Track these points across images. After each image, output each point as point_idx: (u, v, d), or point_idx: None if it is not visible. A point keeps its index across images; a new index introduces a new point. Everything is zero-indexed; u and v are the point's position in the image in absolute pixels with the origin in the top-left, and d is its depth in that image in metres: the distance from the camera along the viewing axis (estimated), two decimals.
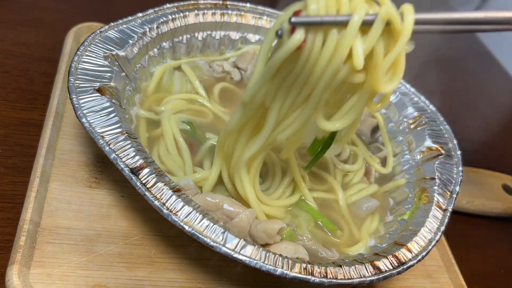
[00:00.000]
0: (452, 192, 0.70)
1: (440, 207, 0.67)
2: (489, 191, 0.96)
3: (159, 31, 0.76)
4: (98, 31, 0.68)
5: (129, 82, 0.69)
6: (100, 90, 0.61)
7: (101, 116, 0.58)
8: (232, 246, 0.52)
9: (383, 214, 0.73)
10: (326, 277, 0.53)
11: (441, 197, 0.68)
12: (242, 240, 0.52)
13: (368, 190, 0.76)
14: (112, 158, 0.55)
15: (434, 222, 0.65)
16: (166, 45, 0.79)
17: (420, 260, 0.59)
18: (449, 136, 0.79)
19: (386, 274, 0.56)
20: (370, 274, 0.55)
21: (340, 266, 0.55)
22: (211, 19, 0.84)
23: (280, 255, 0.53)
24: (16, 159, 0.68)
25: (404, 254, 0.59)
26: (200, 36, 0.84)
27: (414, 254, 0.60)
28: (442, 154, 0.75)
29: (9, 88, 0.77)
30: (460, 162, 0.75)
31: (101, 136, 0.56)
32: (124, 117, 0.61)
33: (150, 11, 0.76)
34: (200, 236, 0.51)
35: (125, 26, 0.72)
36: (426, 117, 0.81)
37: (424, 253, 0.60)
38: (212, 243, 0.51)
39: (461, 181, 0.71)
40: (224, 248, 0.51)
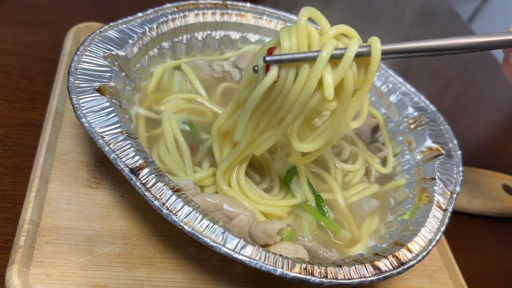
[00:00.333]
0: (452, 192, 0.69)
1: (440, 207, 0.67)
2: (489, 191, 0.96)
3: (159, 31, 0.76)
4: (98, 31, 0.68)
5: (129, 82, 0.69)
6: (100, 90, 0.61)
7: (100, 116, 0.58)
8: (232, 246, 0.52)
9: (383, 214, 0.73)
10: (326, 277, 0.53)
11: (441, 197, 0.68)
12: (242, 240, 0.52)
13: (369, 190, 0.76)
14: (112, 158, 0.55)
15: (434, 222, 0.65)
16: (166, 45, 0.79)
17: (420, 260, 0.59)
18: (449, 136, 0.79)
19: (386, 274, 0.56)
20: (370, 274, 0.55)
21: (340, 266, 0.55)
22: (211, 19, 0.84)
23: (280, 255, 0.53)
24: (16, 159, 0.68)
25: (404, 254, 0.59)
26: (200, 36, 0.84)
27: (414, 254, 0.60)
28: (442, 154, 0.75)
29: (9, 88, 0.77)
30: (460, 162, 0.75)
31: (101, 136, 0.56)
32: (124, 117, 0.61)
33: (150, 11, 0.76)
34: (200, 236, 0.51)
35: (125, 26, 0.72)
36: (426, 117, 0.81)
37: (424, 253, 0.60)
38: (212, 243, 0.51)
39: (461, 181, 0.71)
40: (224, 248, 0.51)
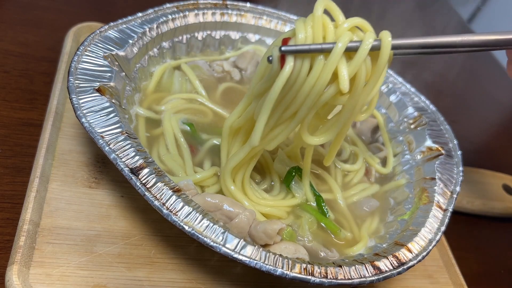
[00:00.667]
0: (452, 192, 0.69)
1: (441, 207, 0.67)
2: (489, 191, 0.96)
3: (159, 31, 0.76)
4: (98, 31, 0.68)
5: (129, 82, 0.69)
6: (100, 90, 0.61)
7: (100, 116, 0.58)
8: (232, 246, 0.52)
9: (383, 214, 0.73)
10: (326, 277, 0.53)
11: (442, 197, 0.68)
12: (242, 240, 0.52)
13: (369, 190, 0.76)
14: (112, 158, 0.55)
15: (434, 222, 0.65)
16: (166, 45, 0.79)
17: (420, 260, 0.59)
18: (449, 136, 0.79)
19: (386, 274, 0.56)
20: (370, 274, 0.55)
21: (340, 266, 0.55)
22: (211, 19, 0.84)
23: (280, 256, 0.53)
24: (16, 159, 0.68)
25: (404, 254, 0.59)
26: (200, 36, 0.84)
27: (414, 254, 0.60)
28: (442, 154, 0.75)
29: (9, 88, 0.77)
30: (461, 162, 0.75)
31: (101, 136, 0.56)
32: (124, 117, 0.61)
33: (150, 11, 0.76)
34: (200, 236, 0.51)
35: (125, 26, 0.72)
36: (426, 117, 0.81)
37: (425, 253, 0.60)
38: (212, 243, 0.51)
39: (461, 181, 0.71)
40: (224, 248, 0.51)
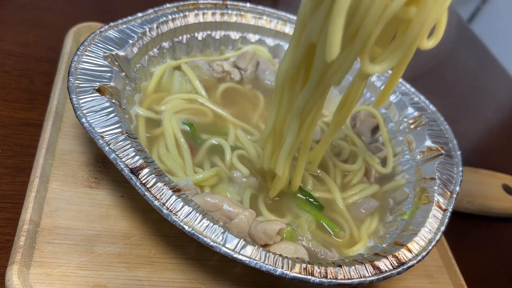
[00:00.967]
0: (452, 192, 0.69)
1: (440, 207, 0.67)
2: (489, 191, 0.96)
3: (159, 31, 0.76)
4: (98, 31, 0.68)
5: (129, 82, 0.69)
6: (100, 90, 0.61)
7: (101, 116, 0.58)
8: (232, 246, 0.52)
9: (383, 214, 0.73)
10: (326, 277, 0.53)
11: (441, 197, 0.68)
12: (242, 240, 0.52)
13: (369, 190, 0.76)
14: (112, 158, 0.55)
15: (434, 222, 0.65)
16: (166, 45, 0.79)
17: (420, 260, 0.59)
18: (449, 136, 0.79)
19: (386, 274, 0.56)
20: (370, 274, 0.55)
21: (340, 266, 0.55)
22: (211, 19, 0.84)
23: (280, 255, 0.53)
24: (16, 159, 0.68)
25: (404, 254, 0.59)
26: (200, 36, 0.84)
27: (414, 254, 0.60)
28: (442, 154, 0.75)
29: (9, 88, 0.77)
30: (460, 162, 0.75)
31: (101, 136, 0.56)
32: (124, 117, 0.61)
33: (150, 11, 0.76)
34: (200, 236, 0.51)
35: (125, 26, 0.72)
36: (426, 117, 0.81)
37: (424, 253, 0.60)
38: (212, 243, 0.51)
39: (461, 181, 0.71)
40: (224, 248, 0.51)
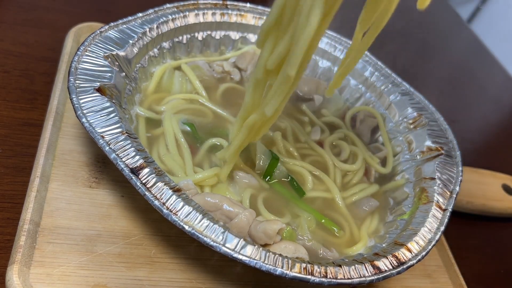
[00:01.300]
0: (452, 192, 0.70)
1: (440, 207, 0.67)
2: (489, 191, 0.96)
3: (159, 31, 0.76)
4: (98, 31, 0.68)
5: (129, 82, 0.69)
6: (100, 90, 0.61)
7: (101, 116, 0.58)
8: (232, 246, 0.52)
9: (383, 214, 0.73)
10: (326, 277, 0.53)
11: (441, 197, 0.68)
12: (242, 240, 0.52)
13: (369, 190, 0.76)
14: (112, 158, 0.55)
15: (434, 222, 0.65)
16: (166, 45, 0.79)
17: (420, 260, 0.59)
18: (449, 136, 0.79)
19: (386, 274, 0.56)
20: (370, 274, 0.55)
21: (340, 266, 0.55)
22: (211, 19, 0.84)
23: (280, 255, 0.53)
24: (16, 159, 0.68)
25: (404, 254, 0.59)
26: (200, 36, 0.84)
27: (414, 254, 0.60)
28: (442, 154, 0.75)
29: (9, 88, 0.77)
30: (460, 162, 0.75)
31: (101, 136, 0.56)
32: (124, 117, 0.61)
33: (150, 11, 0.76)
34: (200, 236, 0.51)
35: (125, 26, 0.72)
36: (426, 117, 0.81)
37: (424, 253, 0.60)
38: (212, 243, 0.51)
39: (461, 181, 0.71)
40: (224, 248, 0.51)
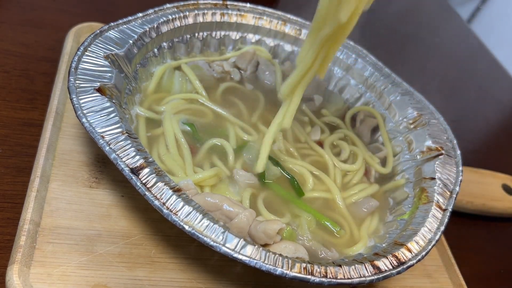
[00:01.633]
0: (452, 192, 0.70)
1: (440, 207, 0.67)
2: (489, 191, 0.96)
3: (159, 31, 0.76)
4: (98, 31, 0.68)
5: (129, 82, 0.69)
6: (100, 90, 0.61)
7: (101, 116, 0.58)
8: (232, 246, 0.52)
9: (383, 214, 0.73)
10: (326, 276, 0.53)
11: (441, 197, 0.68)
12: (242, 240, 0.52)
13: (369, 190, 0.76)
14: (112, 158, 0.55)
15: (434, 222, 0.65)
16: (166, 45, 0.79)
17: (420, 260, 0.59)
18: (449, 136, 0.79)
19: (386, 274, 0.56)
20: (370, 274, 0.55)
21: (340, 266, 0.55)
22: (211, 19, 0.84)
23: (280, 255, 0.53)
24: (16, 159, 0.68)
25: (403, 254, 0.59)
26: (200, 36, 0.84)
27: (414, 254, 0.60)
28: (442, 154, 0.75)
29: (9, 88, 0.77)
30: (460, 162, 0.75)
31: (101, 136, 0.56)
32: (124, 117, 0.61)
33: (150, 11, 0.76)
34: (200, 235, 0.51)
35: (125, 26, 0.72)
36: (426, 117, 0.82)
37: (424, 253, 0.60)
38: (212, 243, 0.51)
39: (461, 181, 0.71)
40: (224, 248, 0.51)
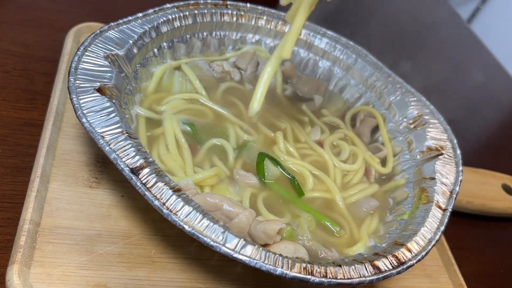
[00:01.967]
0: (452, 192, 0.70)
1: (440, 207, 0.67)
2: (489, 191, 0.96)
3: (159, 31, 0.76)
4: (98, 31, 0.68)
5: (129, 82, 0.69)
6: (100, 90, 0.61)
7: (101, 116, 0.58)
8: (232, 246, 0.52)
9: (383, 214, 0.73)
10: (325, 276, 0.53)
11: (441, 197, 0.68)
12: (242, 240, 0.52)
13: (369, 190, 0.76)
14: (112, 158, 0.55)
15: (434, 222, 0.65)
16: (166, 45, 0.79)
17: (419, 260, 0.59)
18: (449, 136, 0.79)
19: (385, 274, 0.56)
20: (370, 274, 0.55)
21: (340, 266, 0.55)
22: (211, 19, 0.84)
23: (280, 255, 0.53)
24: (16, 159, 0.68)
25: (403, 254, 0.59)
26: (200, 36, 0.84)
27: (413, 254, 0.60)
28: (442, 154, 0.75)
29: (9, 88, 0.77)
30: (460, 162, 0.75)
31: (101, 136, 0.56)
32: (124, 117, 0.61)
33: (150, 11, 0.76)
34: (200, 236, 0.51)
35: (125, 26, 0.72)
36: (426, 117, 0.82)
37: (424, 253, 0.60)
38: (212, 243, 0.51)
39: (461, 181, 0.71)
40: (224, 248, 0.51)
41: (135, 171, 0.54)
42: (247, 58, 0.87)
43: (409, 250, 0.60)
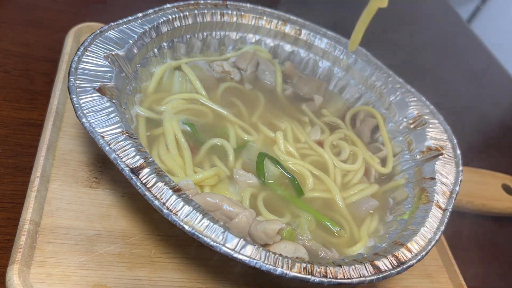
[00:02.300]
0: (452, 192, 0.70)
1: (440, 207, 0.67)
2: (489, 191, 0.96)
3: (159, 31, 0.76)
4: (98, 31, 0.68)
5: (129, 82, 0.69)
6: (100, 90, 0.61)
7: (101, 116, 0.58)
8: (232, 246, 0.52)
9: (383, 214, 0.73)
10: (325, 276, 0.53)
11: (441, 197, 0.68)
12: (242, 239, 0.53)
13: (369, 190, 0.76)
14: (113, 158, 0.55)
15: (434, 222, 0.65)
16: (166, 45, 0.79)
17: (419, 260, 0.59)
18: (449, 136, 0.79)
19: (385, 274, 0.56)
20: (370, 274, 0.55)
21: (340, 266, 0.55)
22: (211, 19, 0.84)
23: (280, 255, 0.53)
24: (16, 159, 0.68)
25: (403, 253, 0.59)
26: (200, 36, 0.84)
27: (413, 254, 0.60)
28: (442, 154, 0.75)
29: (9, 88, 0.77)
30: (460, 162, 0.75)
31: (101, 136, 0.56)
32: (124, 117, 0.61)
33: (150, 11, 0.76)
34: (200, 235, 0.51)
35: (125, 26, 0.72)
36: (426, 117, 0.82)
37: (424, 252, 0.60)
38: (212, 243, 0.51)
39: (461, 181, 0.71)
40: (224, 248, 0.51)
41: (135, 171, 0.54)
42: (247, 58, 0.87)
43: (409, 250, 0.60)
